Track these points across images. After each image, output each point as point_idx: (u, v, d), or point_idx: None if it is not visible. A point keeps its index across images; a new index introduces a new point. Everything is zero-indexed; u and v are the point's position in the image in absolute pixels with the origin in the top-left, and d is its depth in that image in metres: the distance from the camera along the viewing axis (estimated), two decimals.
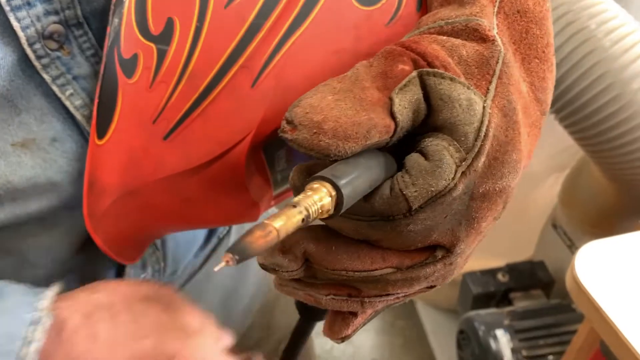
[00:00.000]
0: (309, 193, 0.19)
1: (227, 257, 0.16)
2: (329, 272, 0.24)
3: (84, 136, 0.31)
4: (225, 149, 0.28)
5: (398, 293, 0.26)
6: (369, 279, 0.24)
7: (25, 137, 0.29)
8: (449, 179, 0.21)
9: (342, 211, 0.20)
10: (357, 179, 0.20)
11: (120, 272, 0.39)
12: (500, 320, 0.88)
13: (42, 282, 0.34)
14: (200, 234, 0.46)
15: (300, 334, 0.36)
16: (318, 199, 0.19)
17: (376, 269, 0.24)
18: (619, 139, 0.71)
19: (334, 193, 0.19)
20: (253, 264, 0.54)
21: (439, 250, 0.24)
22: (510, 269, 0.99)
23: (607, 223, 0.58)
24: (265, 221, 0.17)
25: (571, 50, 0.73)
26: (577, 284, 0.49)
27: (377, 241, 0.24)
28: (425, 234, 0.23)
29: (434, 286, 0.27)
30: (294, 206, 0.18)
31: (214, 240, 0.49)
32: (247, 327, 0.56)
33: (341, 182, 0.19)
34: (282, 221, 0.17)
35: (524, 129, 0.24)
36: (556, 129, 0.83)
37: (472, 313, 0.90)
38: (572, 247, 0.95)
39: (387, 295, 0.26)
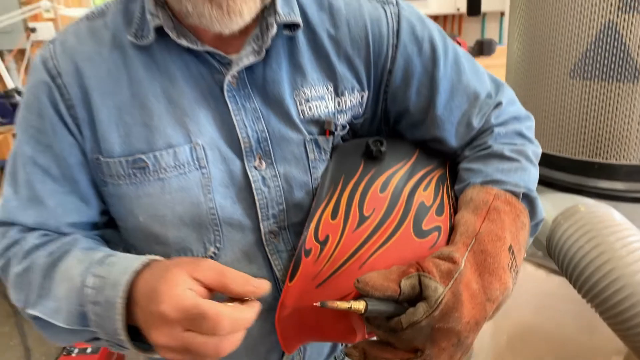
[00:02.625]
0: (358, 303, 0.52)
1: (317, 302, 0.51)
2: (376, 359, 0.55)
3: (275, 280, 0.66)
4: (343, 296, 0.61)
5: None
6: None
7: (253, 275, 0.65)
8: (419, 317, 0.52)
9: (367, 314, 0.52)
10: (376, 306, 0.53)
11: None
12: None
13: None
14: (324, 351, 0.77)
15: None
16: (359, 303, 0.52)
17: (394, 358, 0.55)
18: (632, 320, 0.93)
19: (365, 305, 0.52)
20: None
21: (419, 352, 0.54)
22: None
23: None
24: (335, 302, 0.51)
25: (595, 256, 0.99)
26: None
27: (393, 343, 0.55)
28: (411, 341, 0.54)
29: None
30: (349, 305, 0.52)
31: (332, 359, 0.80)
32: None
33: (369, 303, 0.52)
34: (343, 305, 0.51)
35: (468, 305, 0.54)
36: None
37: None
38: None
39: None
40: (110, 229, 0.69)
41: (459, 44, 2.97)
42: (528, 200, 0.66)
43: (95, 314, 0.54)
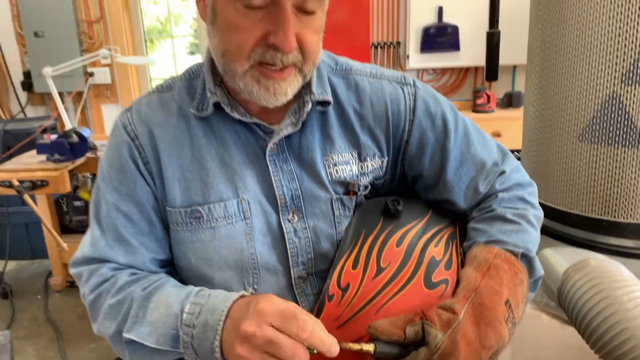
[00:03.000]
0: (369, 346, 0.62)
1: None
2: None
3: None
4: (360, 337, 0.71)
5: None
6: None
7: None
8: None
9: (376, 355, 0.62)
10: (384, 348, 0.63)
11: None
12: None
13: None
14: None
15: None
16: (369, 346, 0.62)
17: None
18: None
19: (374, 347, 0.62)
20: None
21: None
22: None
23: None
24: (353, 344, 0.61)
25: (603, 308, 1.05)
26: None
27: None
28: None
29: None
30: (361, 347, 0.61)
31: None
32: None
33: (378, 346, 0.62)
34: (355, 346, 0.61)
35: (464, 351, 0.63)
36: None
37: None
38: None
39: None
40: (171, 267, 0.82)
41: (489, 96, 3.07)
42: (527, 259, 0.75)
43: (189, 336, 0.66)
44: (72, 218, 3.08)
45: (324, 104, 0.77)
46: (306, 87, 0.75)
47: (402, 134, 0.80)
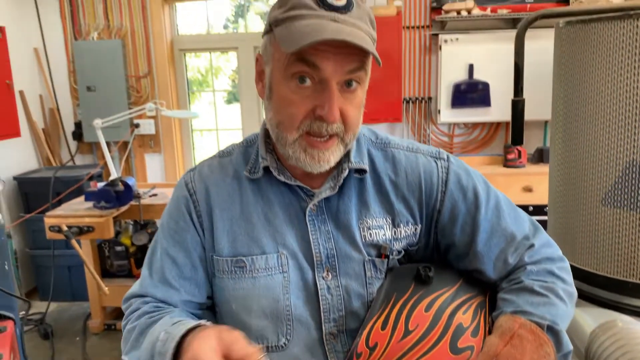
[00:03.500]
0: None
1: None
2: None
3: None
4: None
5: None
6: None
7: None
8: None
9: None
10: None
11: None
12: None
13: None
14: None
15: None
16: None
17: None
18: None
19: None
20: None
21: None
22: None
23: None
24: None
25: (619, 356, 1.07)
26: None
27: None
28: None
29: None
30: None
31: None
32: None
33: None
34: None
35: None
36: None
37: None
38: None
39: None
40: (209, 311, 0.90)
41: (519, 152, 3.12)
42: (553, 332, 0.77)
43: None
44: (112, 262, 3.20)
45: (361, 171, 0.86)
46: (345, 157, 0.84)
47: (435, 203, 0.87)
